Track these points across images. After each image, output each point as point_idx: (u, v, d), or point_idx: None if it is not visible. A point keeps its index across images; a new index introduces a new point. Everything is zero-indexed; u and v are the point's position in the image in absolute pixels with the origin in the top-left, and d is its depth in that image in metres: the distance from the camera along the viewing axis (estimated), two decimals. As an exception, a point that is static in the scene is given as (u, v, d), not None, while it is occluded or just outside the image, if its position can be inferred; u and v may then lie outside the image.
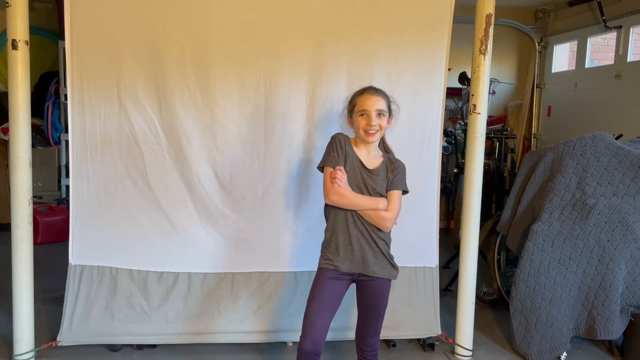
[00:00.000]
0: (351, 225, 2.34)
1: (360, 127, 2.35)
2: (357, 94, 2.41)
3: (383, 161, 2.43)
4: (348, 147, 2.38)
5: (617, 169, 3.15)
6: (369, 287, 2.40)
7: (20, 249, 2.80)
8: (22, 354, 2.87)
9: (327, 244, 2.39)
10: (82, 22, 2.79)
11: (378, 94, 2.39)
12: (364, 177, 2.37)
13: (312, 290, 2.37)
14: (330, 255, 2.36)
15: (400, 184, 2.45)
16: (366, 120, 2.34)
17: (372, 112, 2.33)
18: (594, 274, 3.10)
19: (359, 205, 2.32)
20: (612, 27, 4.87)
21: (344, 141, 2.39)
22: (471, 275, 3.08)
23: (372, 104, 2.34)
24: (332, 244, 2.36)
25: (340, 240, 2.35)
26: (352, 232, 2.34)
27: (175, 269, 3.02)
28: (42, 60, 5.67)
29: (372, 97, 2.37)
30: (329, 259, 2.36)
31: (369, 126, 2.33)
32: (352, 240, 2.34)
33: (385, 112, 2.37)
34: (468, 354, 3.12)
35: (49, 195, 5.72)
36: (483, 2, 2.89)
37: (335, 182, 2.28)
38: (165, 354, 3.05)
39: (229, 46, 2.87)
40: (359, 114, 2.36)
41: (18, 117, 2.74)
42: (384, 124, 2.38)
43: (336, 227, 2.36)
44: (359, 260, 2.35)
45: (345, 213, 2.34)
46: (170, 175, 2.94)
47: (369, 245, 2.35)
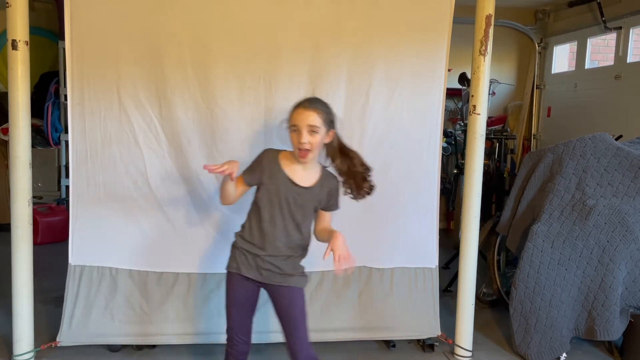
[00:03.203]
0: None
1: (294, 144, 2.24)
2: (293, 107, 2.27)
3: (319, 179, 2.32)
4: (274, 166, 2.28)
5: (617, 169, 3.16)
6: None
7: (20, 249, 2.80)
8: (21, 354, 2.87)
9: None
10: (82, 22, 2.79)
11: (311, 108, 2.22)
12: (291, 196, 2.27)
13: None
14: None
15: (335, 206, 2.40)
16: (297, 136, 2.21)
17: (302, 129, 2.19)
18: (594, 275, 3.10)
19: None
20: (612, 28, 4.87)
21: (270, 158, 2.30)
22: (471, 276, 3.08)
23: (303, 119, 2.20)
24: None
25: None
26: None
27: (175, 270, 3.02)
28: (42, 60, 5.67)
29: (304, 111, 2.21)
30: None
31: (300, 143, 2.20)
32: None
33: (319, 128, 2.20)
34: (468, 355, 3.12)
35: (49, 196, 5.72)
36: (483, 3, 2.89)
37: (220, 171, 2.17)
38: (165, 354, 3.05)
39: (229, 46, 2.87)
40: (291, 129, 2.24)
41: (18, 117, 2.74)
42: (317, 142, 2.22)
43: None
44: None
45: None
46: (170, 175, 2.94)
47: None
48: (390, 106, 3.00)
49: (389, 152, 3.04)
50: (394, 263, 3.13)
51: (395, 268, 3.14)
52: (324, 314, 3.07)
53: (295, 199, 2.28)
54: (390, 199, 3.07)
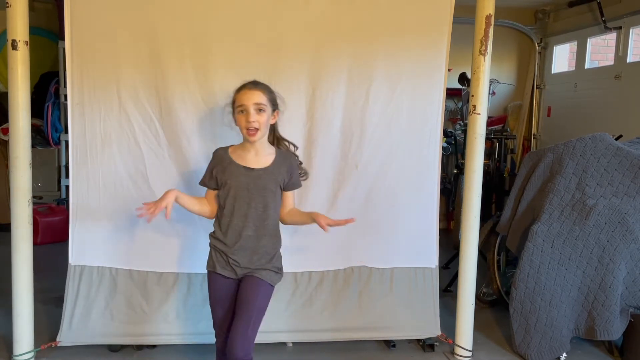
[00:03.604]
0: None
1: (241, 125, 2.28)
2: (236, 90, 2.32)
3: (274, 159, 2.37)
4: (224, 160, 2.34)
5: (617, 169, 3.16)
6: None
7: (20, 249, 2.80)
8: (21, 354, 2.87)
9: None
10: (82, 22, 2.79)
11: (257, 87, 2.29)
12: (249, 181, 2.31)
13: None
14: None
15: (297, 183, 2.45)
16: (245, 116, 2.25)
17: (249, 107, 2.24)
18: (594, 275, 3.10)
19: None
20: (612, 28, 4.87)
21: (219, 155, 2.38)
22: (471, 276, 3.08)
23: (250, 97, 2.25)
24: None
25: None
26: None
27: (175, 270, 3.02)
28: (42, 60, 5.67)
29: (249, 91, 2.27)
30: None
31: (248, 122, 2.24)
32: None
33: (265, 107, 2.27)
34: (468, 355, 3.12)
35: (49, 196, 5.72)
36: (483, 3, 2.89)
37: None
38: (165, 354, 3.05)
39: (229, 46, 2.87)
40: (238, 110, 2.28)
41: (18, 117, 2.74)
42: (264, 120, 2.28)
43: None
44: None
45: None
46: (170, 176, 2.94)
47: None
48: (390, 106, 3.00)
49: (389, 152, 3.04)
50: (394, 263, 3.13)
51: (395, 268, 3.14)
52: (324, 314, 3.07)
53: (255, 183, 2.32)
54: (390, 199, 3.07)
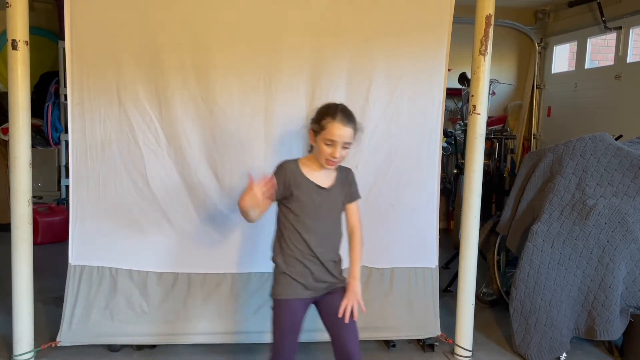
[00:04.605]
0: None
1: (323, 154, 2.22)
2: (327, 117, 2.22)
3: (336, 176, 2.34)
4: (298, 176, 2.26)
5: (617, 169, 3.16)
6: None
7: (20, 249, 2.80)
8: (21, 354, 2.87)
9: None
10: (82, 22, 2.79)
11: (349, 124, 2.23)
12: (319, 200, 2.27)
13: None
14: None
15: (357, 194, 2.42)
16: (331, 150, 2.20)
17: (339, 144, 2.20)
18: (594, 275, 3.10)
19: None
20: (612, 28, 4.88)
21: (292, 169, 2.27)
22: (471, 276, 3.08)
23: (342, 135, 2.20)
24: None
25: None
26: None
27: (174, 270, 3.02)
28: (42, 60, 5.67)
29: (343, 128, 2.20)
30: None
31: (333, 157, 2.20)
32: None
33: (350, 145, 2.25)
34: (468, 355, 3.12)
35: (49, 196, 5.72)
36: (483, 3, 2.89)
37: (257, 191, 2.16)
38: (165, 354, 3.05)
39: (229, 47, 2.86)
40: (325, 141, 2.21)
41: (18, 117, 2.74)
42: (346, 154, 2.26)
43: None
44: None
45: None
46: (170, 176, 2.94)
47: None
48: (390, 106, 3.00)
49: (389, 152, 3.04)
50: (394, 263, 3.13)
51: (395, 268, 3.13)
52: None
53: (326, 201, 2.29)
54: (390, 199, 3.07)
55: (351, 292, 2.30)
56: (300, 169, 2.28)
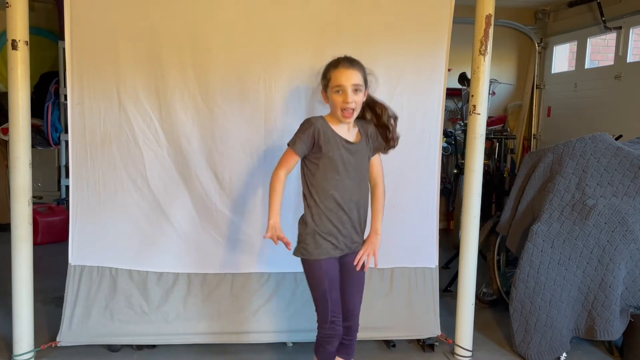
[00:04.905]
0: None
1: (337, 105, 2.22)
2: (331, 67, 2.25)
3: (358, 131, 2.35)
4: (328, 131, 2.24)
5: (617, 169, 3.16)
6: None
7: (20, 249, 2.80)
8: (21, 354, 2.87)
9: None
10: (82, 22, 2.79)
11: (354, 66, 2.23)
12: (349, 156, 2.27)
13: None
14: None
15: (381, 144, 2.42)
16: (342, 97, 2.20)
17: (348, 88, 2.19)
18: (594, 275, 3.10)
19: (270, 198, 2.28)
20: (611, 28, 4.88)
21: (321, 123, 2.24)
22: (471, 276, 3.08)
23: (348, 78, 2.19)
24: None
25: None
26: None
27: (174, 270, 3.02)
28: (42, 60, 5.66)
29: (347, 70, 2.21)
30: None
31: (346, 103, 2.20)
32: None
33: (361, 87, 2.23)
34: (468, 355, 3.12)
35: (49, 196, 5.72)
36: (483, 3, 2.89)
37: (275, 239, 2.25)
38: (165, 354, 3.05)
39: (229, 47, 2.86)
40: (334, 90, 2.21)
41: (18, 117, 2.74)
42: (360, 100, 2.25)
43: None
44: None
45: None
46: (170, 176, 2.94)
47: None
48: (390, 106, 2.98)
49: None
50: (394, 263, 3.13)
51: (395, 268, 3.13)
52: None
53: (354, 157, 2.29)
54: (390, 199, 3.05)
55: (370, 243, 2.37)
56: (328, 123, 2.27)
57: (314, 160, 2.27)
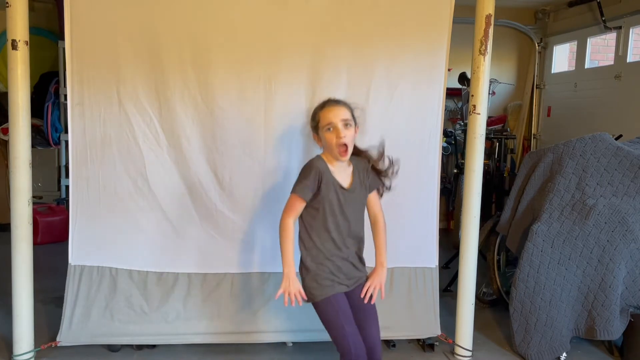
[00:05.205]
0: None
1: (331, 143, 2.25)
2: (318, 109, 2.32)
3: (352, 172, 2.36)
4: (327, 173, 2.27)
5: (617, 169, 3.16)
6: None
7: (20, 249, 2.80)
8: (21, 354, 2.87)
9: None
10: (82, 22, 2.79)
11: (339, 104, 2.31)
12: (344, 198, 2.29)
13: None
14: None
15: (376, 181, 2.45)
16: (335, 133, 2.24)
17: (338, 124, 2.24)
18: (594, 275, 3.10)
19: (282, 248, 2.28)
20: (611, 28, 4.88)
21: (323, 167, 2.27)
22: (471, 276, 3.08)
23: (336, 114, 2.25)
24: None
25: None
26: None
27: (175, 270, 3.02)
28: (42, 60, 5.66)
29: (335, 108, 2.28)
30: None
31: (339, 138, 2.22)
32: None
33: (351, 122, 2.28)
34: (468, 355, 3.12)
35: (49, 196, 5.72)
36: (483, 3, 2.89)
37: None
38: (165, 354, 3.05)
39: (229, 47, 2.86)
40: (325, 129, 2.26)
41: (18, 117, 2.74)
42: (352, 135, 2.28)
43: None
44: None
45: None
46: (170, 176, 2.94)
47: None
48: (390, 106, 3.00)
49: (388, 152, 3.02)
50: (394, 263, 3.12)
51: (395, 268, 3.13)
52: None
53: (352, 196, 2.33)
54: (390, 199, 3.05)
55: (376, 275, 2.41)
56: (327, 166, 2.29)
57: (314, 204, 2.30)
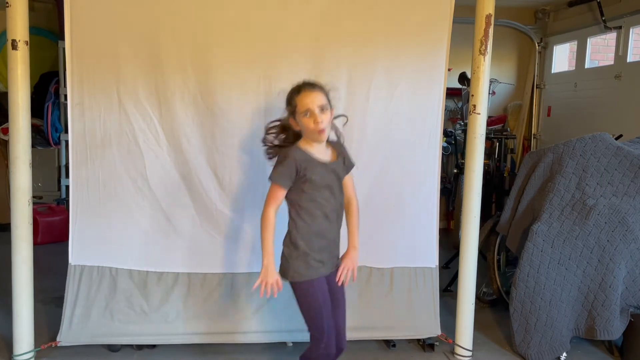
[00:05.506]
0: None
1: (309, 128, 2.25)
2: (294, 93, 2.30)
3: (332, 150, 2.38)
4: (307, 159, 2.28)
5: (617, 169, 3.16)
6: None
7: (20, 249, 2.80)
8: (21, 354, 2.87)
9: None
10: (82, 22, 2.79)
11: (315, 89, 2.29)
12: (331, 176, 2.32)
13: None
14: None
15: (351, 163, 2.47)
16: (312, 119, 2.24)
17: (315, 109, 2.24)
18: (594, 275, 3.10)
19: (262, 238, 2.34)
20: (611, 28, 4.88)
21: (298, 153, 2.28)
22: (471, 276, 3.08)
23: (313, 100, 2.25)
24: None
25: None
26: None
27: (175, 269, 3.02)
28: (42, 60, 5.66)
29: (311, 93, 2.26)
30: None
31: (317, 124, 2.23)
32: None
33: (327, 106, 2.27)
34: (468, 354, 3.12)
35: (49, 195, 5.72)
36: (483, 3, 2.89)
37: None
38: (165, 354, 3.05)
39: (229, 46, 2.86)
40: (302, 114, 2.26)
41: (18, 117, 2.74)
42: (329, 118, 2.29)
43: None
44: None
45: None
46: (170, 176, 2.94)
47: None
48: (390, 106, 3.00)
49: (389, 151, 3.04)
50: (394, 263, 3.13)
51: (395, 268, 3.14)
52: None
53: (334, 174, 2.34)
54: (390, 199, 3.07)
55: (349, 258, 2.42)
56: (304, 151, 2.31)
57: (299, 185, 2.31)
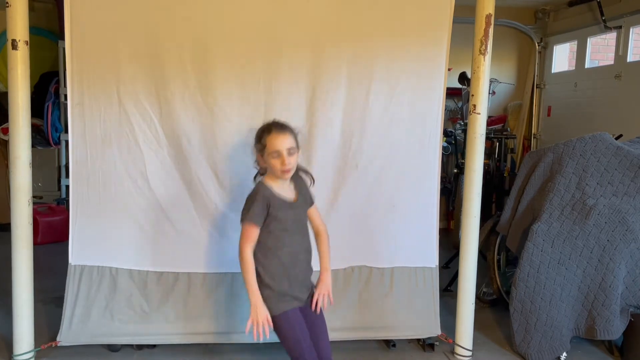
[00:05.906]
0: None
1: (275, 168, 2.31)
2: (264, 133, 2.36)
3: (295, 186, 2.44)
4: (273, 197, 2.33)
5: (617, 169, 3.16)
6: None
7: (20, 249, 2.80)
8: (21, 354, 2.87)
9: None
10: (82, 22, 2.79)
11: (285, 131, 2.35)
12: (292, 214, 2.37)
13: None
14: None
15: (312, 197, 2.53)
16: (280, 160, 2.30)
17: (284, 152, 2.30)
18: (594, 274, 3.10)
19: (245, 280, 2.32)
20: (612, 27, 4.88)
21: (266, 190, 2.34)
22: (471, 276, 3.08)
23: (282, 143, 2.31)
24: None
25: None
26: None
27: (175, 269, 3.01)
28: (42, 60, 5.67)
29: (281, 136, 2.32)
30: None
31: (284, 166, 2.29)
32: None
33: (295, 149, 2.34)
34: (468, 354, 3.12)
35: (49, 195, 5.72)
36: (483, 3, 2.89)
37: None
38: (165, 354, 3.05)
39: (229, 46, 2.86)
40: (270, 155, 2.32)
41: (18, 117, 2.74)
42: (295, 160, 2.36)
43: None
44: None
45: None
46: (170, 175, 2.94)
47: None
48: (390, 106, 3.00)
49: (389, 151, 3.04)
50: (394, 263, 3.13)
51: (395, 268, 3.14)
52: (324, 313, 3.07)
53: (297, 211, 2.40)
54: (390, 199, 3.07)
55: (322, 283, 2.47)
56: (270, 189, 2.36)
57: (266, 224, 2.35)
